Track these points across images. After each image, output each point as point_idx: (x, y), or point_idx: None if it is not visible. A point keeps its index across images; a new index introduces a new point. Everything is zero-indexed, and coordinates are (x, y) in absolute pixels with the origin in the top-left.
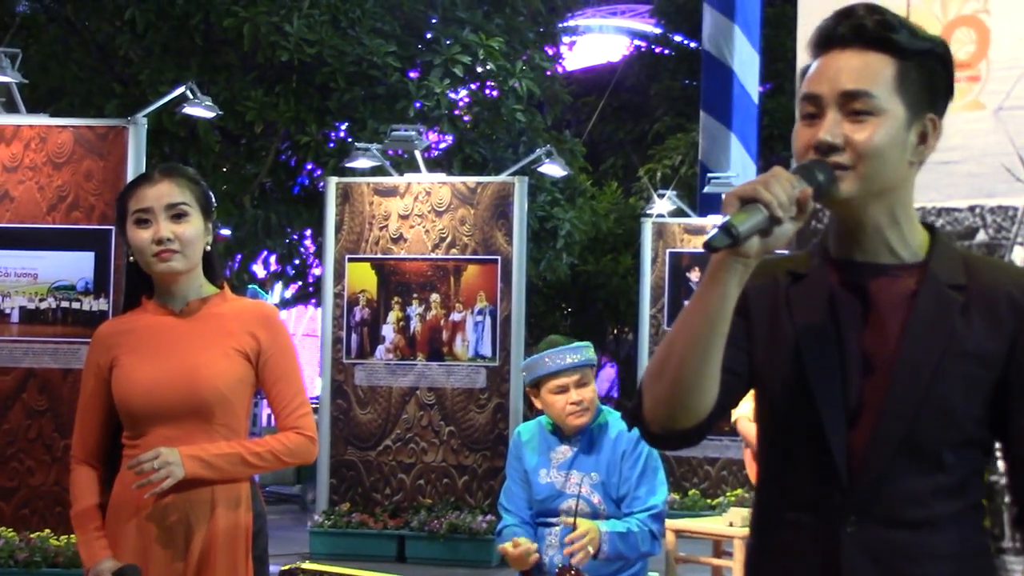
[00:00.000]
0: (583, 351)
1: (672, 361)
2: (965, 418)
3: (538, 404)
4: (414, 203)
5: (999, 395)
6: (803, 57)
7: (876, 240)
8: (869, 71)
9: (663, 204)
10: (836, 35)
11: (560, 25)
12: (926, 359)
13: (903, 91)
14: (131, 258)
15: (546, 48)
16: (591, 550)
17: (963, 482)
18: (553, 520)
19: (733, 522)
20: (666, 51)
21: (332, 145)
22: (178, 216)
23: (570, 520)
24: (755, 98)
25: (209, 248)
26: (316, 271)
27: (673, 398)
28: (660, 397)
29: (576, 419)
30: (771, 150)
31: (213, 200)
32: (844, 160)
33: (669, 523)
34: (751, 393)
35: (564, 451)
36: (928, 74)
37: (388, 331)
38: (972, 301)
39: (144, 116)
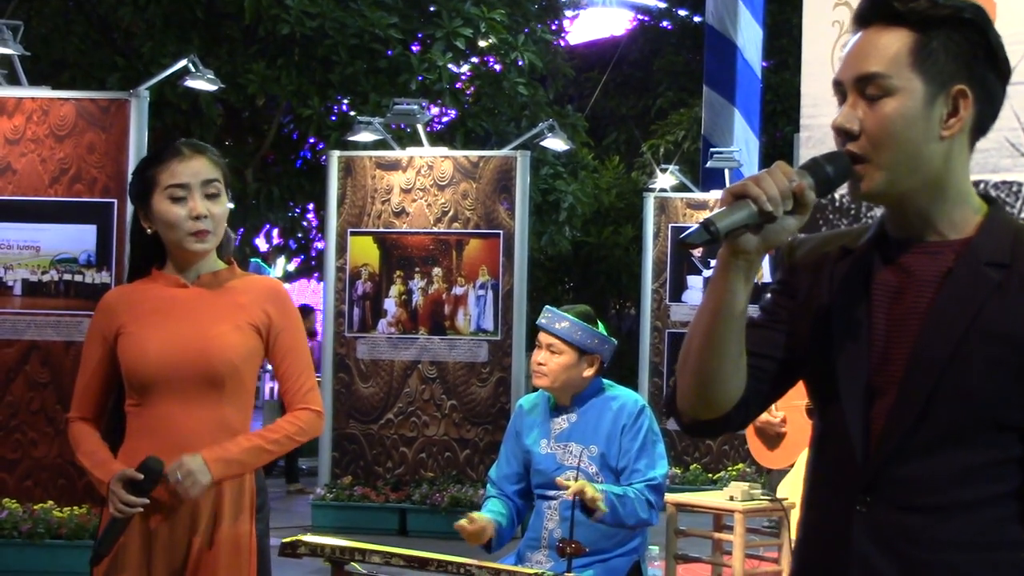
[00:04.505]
0: (576, 331)
1: (691, 357)
2: (992, 401)
3: None
4: (416, 177)
5: None
6: (808, 32)
7: (919, 218)
8: (881, 50)
9: (666, 179)
10: (859, 14)
11: None
12: (946, 339)
13: (922, 65)
14: (149, 230)
15: (549, 22)
16: (590, 492)
17: (991, 468)
18: (551, 493)
19: (734, 496)
20: (670, 25)
21: (334, 119)
22: (212, 194)
23: (568, 483)
24: (759, 73)
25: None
26: (318, 245)
27: (695, 391)
28: (685, 390)
29: (535, 378)
30: (774, 126)
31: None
32: (859, 149)
33: (670, 497)
34: None
35: (563, 422)
36: (957, 42)
37: (390, 305)
38: (1013, 279)
39: (146, 89)
